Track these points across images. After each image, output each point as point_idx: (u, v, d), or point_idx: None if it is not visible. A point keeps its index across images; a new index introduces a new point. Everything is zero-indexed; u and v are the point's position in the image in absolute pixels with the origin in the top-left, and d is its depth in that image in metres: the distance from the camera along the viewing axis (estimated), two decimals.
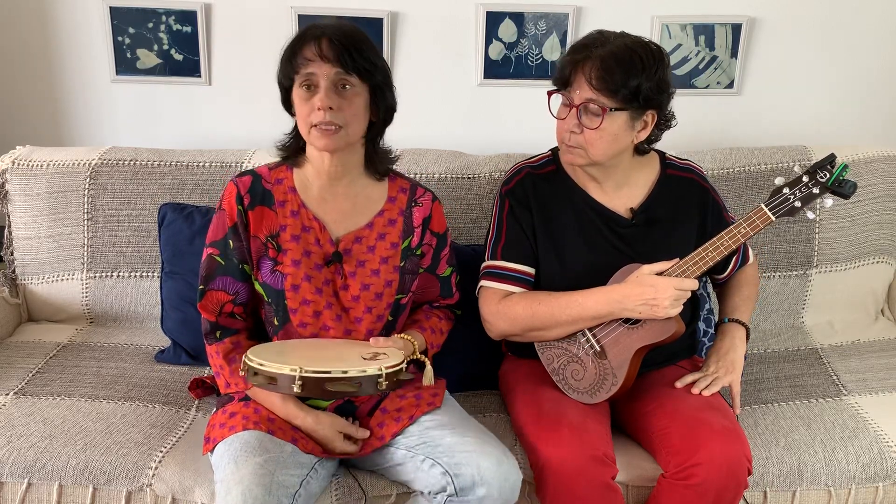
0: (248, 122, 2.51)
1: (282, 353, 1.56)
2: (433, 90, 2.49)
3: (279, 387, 1.46)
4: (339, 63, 1.54)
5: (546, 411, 1.70)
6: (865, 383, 2.02)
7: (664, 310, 1.62)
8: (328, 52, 1.54)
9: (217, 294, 1.67)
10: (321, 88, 1.54)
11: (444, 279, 1.80)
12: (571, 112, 1.66)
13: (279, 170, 1.70)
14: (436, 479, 1.51)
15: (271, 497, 1.42)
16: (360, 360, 1.51)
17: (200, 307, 1.69)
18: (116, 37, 2.42)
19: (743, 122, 2.57)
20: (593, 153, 1.68)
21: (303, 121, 1.58)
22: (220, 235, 1.67)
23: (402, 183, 1.76)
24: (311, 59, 1.54)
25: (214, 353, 1.68)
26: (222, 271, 1.67)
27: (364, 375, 1.46)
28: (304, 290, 1.64)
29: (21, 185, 2.21)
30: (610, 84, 1.60)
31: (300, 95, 1.57)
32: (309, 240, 1.66)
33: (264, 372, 1.47)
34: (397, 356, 1.55)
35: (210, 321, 1.68)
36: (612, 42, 1.63)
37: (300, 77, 1.56)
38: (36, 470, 1.68)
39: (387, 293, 1.69)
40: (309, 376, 1.44)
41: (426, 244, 1.75)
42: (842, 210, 2.25)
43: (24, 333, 2.22)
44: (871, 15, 2.47)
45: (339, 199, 1.69)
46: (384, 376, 1.47)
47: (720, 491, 1.59)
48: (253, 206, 1.65)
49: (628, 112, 1.65)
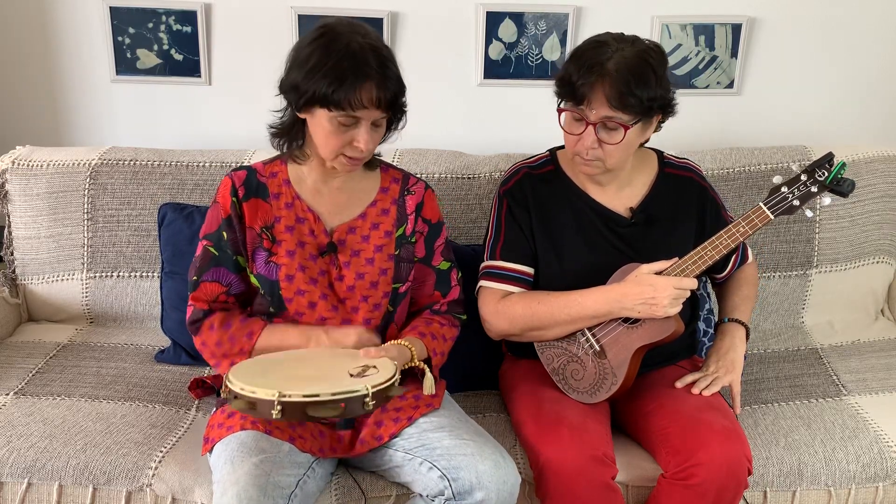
0: (248, 122, 2.51)
1: (264, 371, 1.50)
2: (433, 90, 2.49)
3: (259, 412, 1.39)
4: (387, 109, 1.56)
5: (546, 411, 1.70)
6: (865, 383, 2.02)
7: (663, 309, 1.62)
8: (385, 101, 1.53)
9: (210, 286, 1.68)
10: (363, 129, 1.55)
11: (440, 272, 1.78)
12: (588, 129, 1.64)
13: (273, 164, 1.72)
14: (434, 482, 1.51)
15: (267, 498, 1.42)
16: (345, 377, 1.44)
17: (192, 298, 1.69)
18: (116, 37, 2.42)
19: (743, 122, 2.57)
20: (610, 163, 1.69)
21: (331, 148, 1.58)
22: (213, 228, 1.68)
23: (395, 173, 1.78)
24: (367, 107, 1.52)
25: (208, 328, 1.67)
26: (216, 262, 1.68)
27: (348, 396, 1.38)
28: (298, 280, 1.65)
29: (21, 185, 2.21)
30: (630, 101, 1.59)
31: (334, 125, 1.55)
32: (303, 231, 1.68)
33: (244, 396, 1.40)
34: (388, 370, 1.48)
35: (202, 309, 1.68)
36: (619, 52, 1.60)
37: (344, 113, 1.53)
38: (36, 470, 1.68)
39: (382, 282, 1.70)
40: (289, 401, 1.37)
41: (418, 231, 1.75)
42: (842, 210, 2.25)
43: (24, 333, 2.22)
44: (871, 15, 2.47)
45: (333, 192, 1.71)
46: (370, 395, 1.39)
47: (720, 491, 1.59)
48: (247, 198, 1.67)
49: (643, 121, 1.65)
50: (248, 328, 1.67)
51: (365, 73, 1.51)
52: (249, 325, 1.68)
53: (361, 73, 1.51)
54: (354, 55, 1.51)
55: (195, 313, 1.69)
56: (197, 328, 1.69)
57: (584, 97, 1.61)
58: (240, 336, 1.66)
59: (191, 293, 1.69)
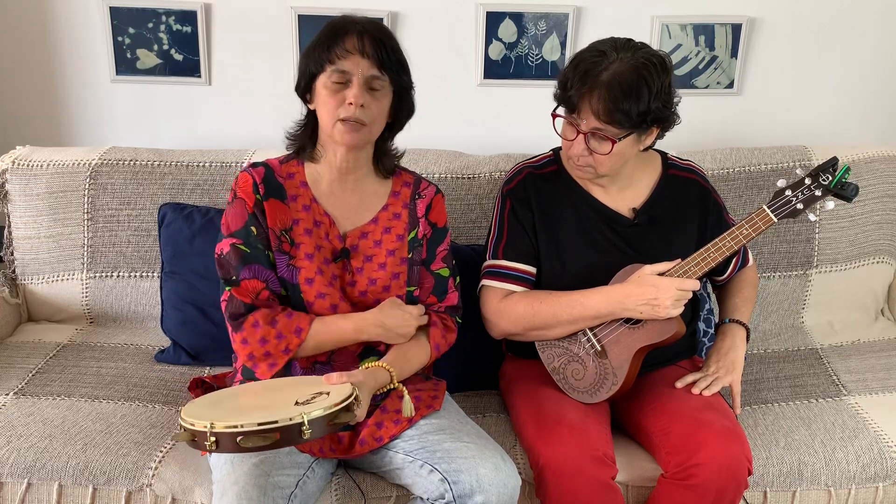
0: (248, 122, 2.51)
1: (216, 403, 1.46)
2: (433, 90, 2.48)
3: (198, 444, 1.32)
4: (377, 61, 1.55)
5: (546, 411, 1.70)
6: (865, 383, 2.02)
7: (665, 310, 1.62)
8: (369, 48, 1.54)
9: (250, 283, 1.60)
10: (355, 85, 1.55)
11: (439, 277, 1.76)
12: (579, 137, 1.65)
13: (290, 164, 1.70)
14: (434, 485, 1.51)
15: (266, 498, 1.42)
16: (289, 406, 1.36)
17: (235, 292, 1.59)
18: (116, 37, 2.42)
19: (743, 122, 2.57)
20: (602, 170, 1.70)
21: (329, 113, 1.57)
22: (240, 224, 1.62)
23: (406, 177, 1.77)
24: (350, 53, 1.54)
25: (251, 325, 1.58)
26: (249, 259, 1.61)
27: (280, 426, 1.30)
28: (318, 283, 1.63)
29: (21, 185, 2.21)
30: (618, 116, 1.58)
31: (329, 87, 1.56)
32: (320, 234, 1.66)
33: (189, 430, 1.33)
34: (340, 394, 1.40)
35: (245, 303, 1.59)
36: (617, 63, 1.59)
37: (334, 67, 1.55)
38: (36, 470, 1.68)
39: (395, 286, 1.69)
40: (221, 431, 1.29)
41: (425, 234, 1.75)
42: (842, 210, 2.25)
43: (24, 333, 2.22)
44: (871, 15, 2.47)
45: (346, 195, 1.69)
46: (307, 423, 1.31)
47: (720, 491, 1.59)
48: (267, 198, 1.64)
49: (636, 133, 1.65)
50: (296, 324, 1.59)
51: (348, 27, 1.56)
52: (297, 321, 1.59)
53: (344, 28, 1.56)
54: (343, 19, 1.58)
55: (237, 306, 1.59)
56: (239, 324, 1.59)
57: (576, 107, 1.63)
58: (288, 333, 1.58)
59: (232, 289, 1.60)
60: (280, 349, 1.59)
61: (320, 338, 1.61)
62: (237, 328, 1.60)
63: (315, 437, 1.33)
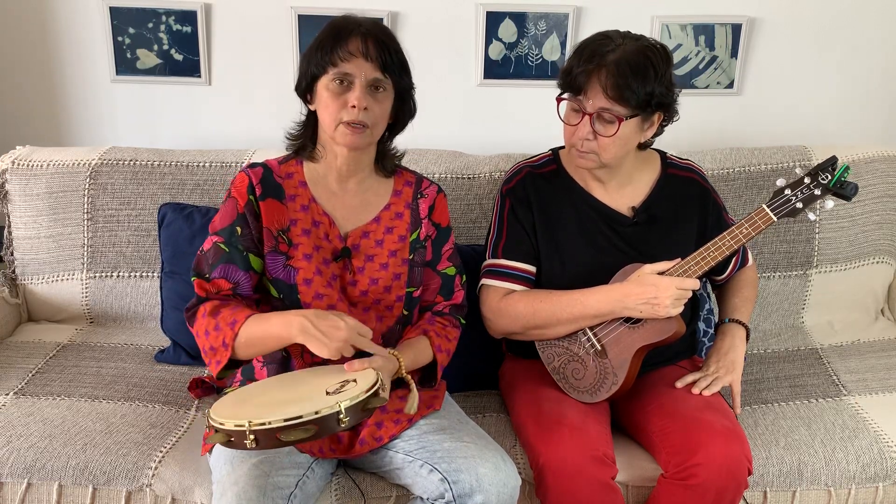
0: (248, 122, 2.52)
1: (242, 401, 1.44)
2: (433, 90, 2.48)
3: (236, 444, 1.32)
4: (380, 64, 1.55)
5: (546, 411, 1.70)
6: (865, 383, 2.02)
7: (665, 309, 1.62)
8: (373, 51, 1.54)
9: (218, 282, 1.61)
10: (357, 87, 1.54)
11: (446, 276, 1.77)
12: (584, 120, 1.65)
13: (289, 164, 1.69)
14: (434, 485, 1.51)
15: (266, 498, 1.42)
16: (321, 397, 1.38)
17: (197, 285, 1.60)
18: (116, 37, 2.42)
19: (743, 122, 2.57)
20: (605, 157, 1.69)
21: (331, 115, 1.57)
22: (226, 223, 1.63)
23: (408, 177, 1.77)
24: (353, 55, 1.54)
25: (201, 315, 1.57)
26: (226, 259, 1.61)
27: (319, 417, 1.31)
28: (316, 283, 1.63)
29: (21, 185, 2.21)
30: (626, 93, 1.60)
31: (331, 89, 1.56)
32: (319, 234, 1.66)
33: (223, 430, 1.33)
34: (367, 380, 1.41)
35: (199, 296, 1.60)
36: (622, 46, 1.62)
37: (337, 70, 1.55)
38: (36, 470, 1.68)
39: (395, 286, 1.69)
40: (259, 429, 1.30)
41: (428, 235, 1.75)
42: (842, 210, 2.25)
43: (24, 333, 2.22)
44: (871, 15, 2.47)
45: (348, 195, 1.69)
46: (343, 412, 1.33)
47: (720, 491, 1.59)
48: (264, 198, 1.64)
49: (640, 116, 1.65)
50: (233, 317, 1.54)
51: (351, 29, 1.56)
52: (234, 314, 1.54)
53: (347, 30, 1.56)
54: (345, 19, 1.58)
55: (193, 299, 1.61)
56: (192, 314, 1.60)
57: (582, 87, 1.63)
58: (224, 326, 1.54)
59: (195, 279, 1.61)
60: (219, 342, 1.54)
61: (249, 331, 1.52)
62: (190, 321, 1.60)
63: (351, 424, 1.35)
